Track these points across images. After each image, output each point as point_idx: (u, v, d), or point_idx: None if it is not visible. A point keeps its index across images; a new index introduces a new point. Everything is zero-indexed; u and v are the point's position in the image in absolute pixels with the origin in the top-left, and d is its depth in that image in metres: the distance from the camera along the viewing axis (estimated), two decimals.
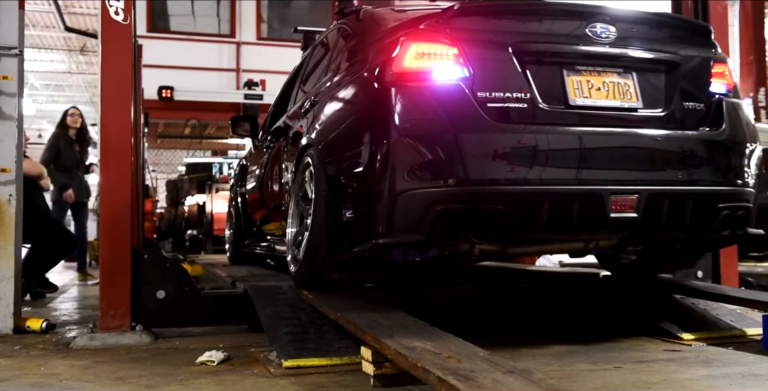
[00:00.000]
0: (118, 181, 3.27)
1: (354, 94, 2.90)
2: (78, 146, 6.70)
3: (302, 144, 3.29)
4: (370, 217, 2.57)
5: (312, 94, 3.49)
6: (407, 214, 2.47)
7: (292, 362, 2.52)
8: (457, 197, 2.47)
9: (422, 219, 2.45)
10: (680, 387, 2.20)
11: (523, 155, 2.50)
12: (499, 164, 2.47)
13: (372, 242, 2.58)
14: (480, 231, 2.48)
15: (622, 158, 2.62)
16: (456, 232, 2.48)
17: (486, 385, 1.62)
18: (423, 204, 2.45)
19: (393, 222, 2.49)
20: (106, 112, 3.31)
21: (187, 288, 3.35)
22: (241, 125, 5.09)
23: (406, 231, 2.49)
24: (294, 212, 3.38)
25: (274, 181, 4.10)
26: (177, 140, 14.27)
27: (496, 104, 2.53)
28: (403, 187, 2.47)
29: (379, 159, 2.53)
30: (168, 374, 2.52)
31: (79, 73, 18.09)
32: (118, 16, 3.32)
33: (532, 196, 2.51)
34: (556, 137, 2.54)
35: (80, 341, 3.16)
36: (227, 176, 9.86)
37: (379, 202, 2.51)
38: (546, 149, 2.52)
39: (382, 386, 2.19)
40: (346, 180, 2.77)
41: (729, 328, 2.99)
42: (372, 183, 2.56)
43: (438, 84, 2.54)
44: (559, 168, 2.52)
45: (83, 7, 13.57)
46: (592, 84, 2.69)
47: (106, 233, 3.27)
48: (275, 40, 11.85)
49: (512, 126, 2.53)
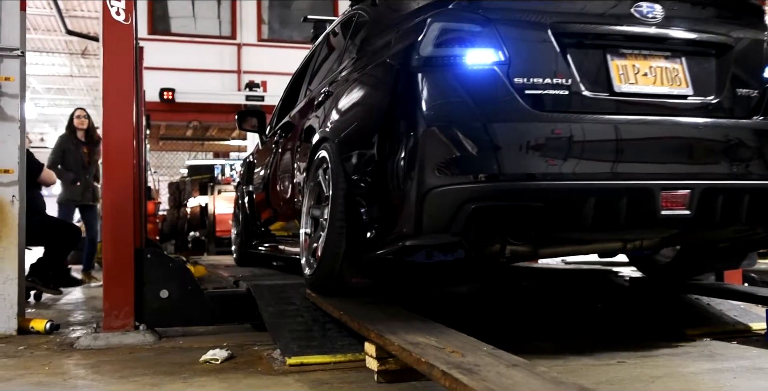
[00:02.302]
0: (121, 181, 3.28)
1: (375, 83, 2.69)
2: (85, 148, 6.68)
3: (316, 138, 3.09)
4: (396, 216, 2.35)
5: (325, 86, 3.29)
6: (437, 213, 2.24)
7: (295, 359, 2.52)
8: (492, 194, 2.24)
9: (454, 218, 2.22)
10: (684, 381, 2.20)
11: (566, 147, 2.27)
12: (538, 157, 2.24)
13: (398, 244, 2.37)
14: (518, 231, 2.28)
15: (672, 150, 2.40)
16: (491, 232, 2.28)
17: (490, 378, 1.62)
18: (455, 202, 2.22)
19: (422, 222, 2.25)
20: (108, 112, 3.31)
21: (191, 287, 3.35)
22: (248, 121, 4.89)
23: (436, 232, 2.27)
24: (307, 211, 3.19)
25: (284, 178, 3.90)
26: (179, 142, 14.28)
27: (535, 91, 2.31)
28: (432, 184, 2.23)
29: (405, 153, 2.30)
30: (172, 373, 2.52)
31: (81, 76, 18.14)
32: (120, 17, 3.33)
33: (576, 192, 2.28)
34: (600, 127, 2.32)
35: (84, 341, 3.16)
36: (229, 178, 9.88)
37: (406, 200, 2.28)
38: (590, 140, 2.30)
39: (386, 382, 2.19)
40: (368, 176, 2.56)
41: (733, 323, 2.99)
42: (398, 179, 2.34)
43: (470, 69, 2.31)
44: (605, 161, 2.30)
45: (84, 10, 13.62)
46: (638, 69, 2.47)
47: (109, 233, 3.27)
48: (276, 41, 11.85)
49: (553, 115, 2.30)
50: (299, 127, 3.66)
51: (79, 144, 6.63)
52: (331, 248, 2.73)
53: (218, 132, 13.34)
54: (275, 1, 12.20)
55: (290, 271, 3.91)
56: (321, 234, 2.87)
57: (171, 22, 11.58)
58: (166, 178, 15.80)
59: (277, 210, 4.14)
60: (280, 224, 4.14)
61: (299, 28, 12.34)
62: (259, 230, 4.87)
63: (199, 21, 11.62)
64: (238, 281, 3.76)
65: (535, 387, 1.55)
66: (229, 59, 11.51)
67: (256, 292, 3.22)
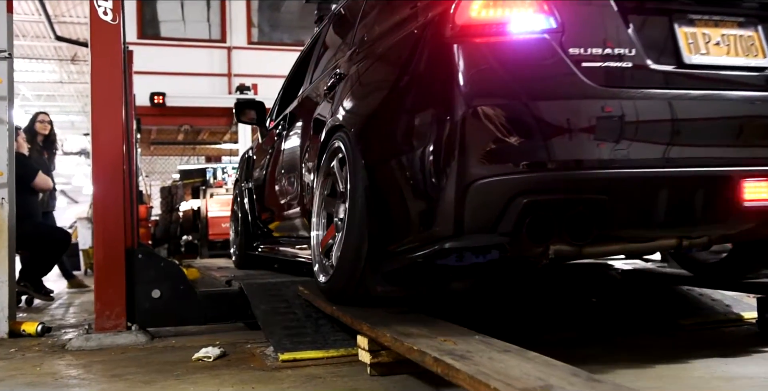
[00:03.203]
0: (110, 178, 3.26)
1: (399, 59, 2.32)
2: (46, 154, 6.29)
3: (328, 127, 2.77)
4: (432, 214, 2.01)
5: (337, 68, 2.95)
6: (482, 209, 1.93)
7: (288, 355, 2.52)
8: (548, 185, 1.92)
9: (503, 215, 1.91)
10: (677, 367, 2.20)
11: (634, 129, 1.96)
12: (603, 141, 1.92)
13: (434, 246, 2.03)
14: (578, 229, 1.95)
15: (753, 131, 2.08)
16: (547, 231, 1.95)
17: (482, 362, 1.62)
18: (504, 196, 1.91)
19: (463, 220, 1.93)
20: (97, 111, 3.30)
21: (183, 287, 3.34)
22: (246, 113, 4.58)
23: (480, 231, 1.95)
24: (319, 210, 2.88)
25: (289, 174, 3.58)
26: (170, 147, 14.25)
27: (594, 63, 1.98)
28: (476, 175, 1.91)
29: (442, 138, 1.96)
30: (164, 371, 2.51)
31: (71, 82, 18.08)
32: (107, 16, 3.32)
33: (646, 181, 1.96)
34: (672, 105, 2.01)
35: (76, 342, 3.14)
36: (221, 181, 9.86)
37: (444, 194, 1.95)
38: (662, 121, 1.99)
39: (379, 375, 2.18)
40: (395, 168, 2.21)
41: (725, 312, 3.00)
42: (432, 170, 2.00)
43: (517, 38, 1.98)
44: (677, 145, 1.98)
45: (73, 16, 13.57)
46: (709, 37, 2.14)
47: (100, 233, 3.26)
48: (266, 44, 11.85)
49: (617, 91, 1.97)
50: (306, 116, 3.35)
51: (40, 149, 6.20)
52: (351, 251, 2.40)
53: (210, 136, 13.32)
54: (265, 2, 12.21)
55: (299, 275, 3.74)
56: (337, 235, 2.60)
57: (160, 26, 11.57)
58: (158, 182, 15.76)
59: (282, 209, 3.85)
60: (285, 224, 3.86)
61: (289, 31, 12.38)
62: (261, 230, 4.64)
63: (189, 24, 11.60)
64: (230, 280, 3.75)
65: (527, 370, 1.55)
66: (219, 62, 11.50)
67: (248, 290, 3.21)
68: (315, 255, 2.85)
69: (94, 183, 3.32)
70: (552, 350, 2.46)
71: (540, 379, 1.48)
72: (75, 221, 10.37)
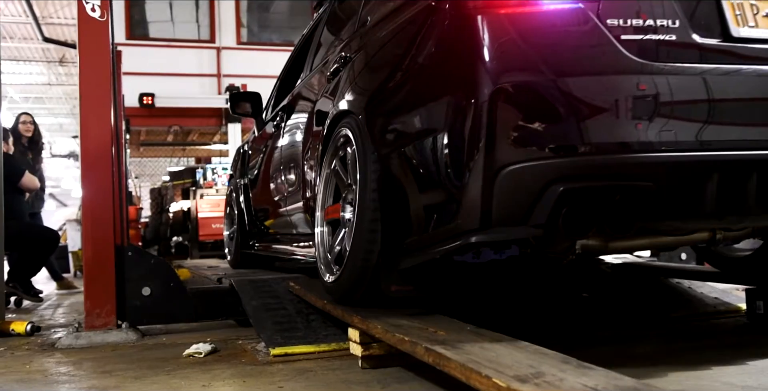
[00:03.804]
0: (99, 175, 3.25)
1: (416, 35, 2.09)
2: (30, 154, 6.25)
3: (334, 114, 2.59)
4: (455, 205, 1.83)
5: (342, 51, 2.77)
6: (513, 198, 1.75)
7: (279, 350, 2.51)
8: (589, 171, 1.75)
9: (536, 205, 1.73)
10: (668, 358, 2.21)
11: (681, 108, 1.79)
12: (647, 121, 1.75)
13: (457, 240, 1.84)
14: (620, 220, 1.79)
15: None
16: (587, 222, 1.78)
17: (474, 352, 1.62)
18: (537, 183, 1.73)
19: (491, 211, 1.75)
20: (86, 109, 3.29)
21: (173, 284, 3.33)
22: (241, 105, 4.38)
23: (510, 223, 1.76)
24: (323, 204, 2.73)
25: (290, 167, 3.41)
26: (160, 149, 14.20)
27: (635, 36, 1.80)
28: (505, 160, 1.73)
29: (466, 121, 1.78)
30: (155, 367, 2.50)
31: (59, 84, 17.98)
32: (95, 13, 3.31)
33: (697, 166, 1.79)
34: (720, 81, 1.83)
35: (66, 341, 3.12)
36: (211, 182, 9.82)
37: (469, 183, 1.76)
38: (707, 99, 1.81)
39: (371, 368, 2.18)
40: (411, 155, 2.04)
41: (713, 304, 3.02)
42: (456, 157, 1.81)
43: (548, 8, 1.81)
44: (727, 125, 1.82)
45: (61, 18, 13.49)
46: (758, 9, 1.96)
47: (89, 230, 3.24)
48: (255, 44, 11.84)
49: (661, 66, 1.80)
50: (307, 104, 3.18)
51: (24, 150, 6.17)
52: (361, 248, 2.21)
53: (199, 136, 13.28)
54: (254, 2, 12.20)
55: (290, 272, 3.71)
56: (344, 231, 2.45)
57: (149, 27, 11.54)
58: (148, 184, 15.70)
59: (281, 205, 3.67)
60: (285, 221, 3.68)
61: (278, 31, 12.37)
62: (258, 228, 4.48)
63: (178, 25, 11.58)
64: (221, 278, 3.74)
65: (519, 358, 1.55)
66: (209, 63, 11.47)
67: (239, 286, 3.20)
68: (319, 253, 2.68)
69: (82, 176, 3.29)
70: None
71: (531, 366, 1.48)
72: (64, 223, 10.32)
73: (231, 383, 2.16)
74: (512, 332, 1.86)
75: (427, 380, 1.99)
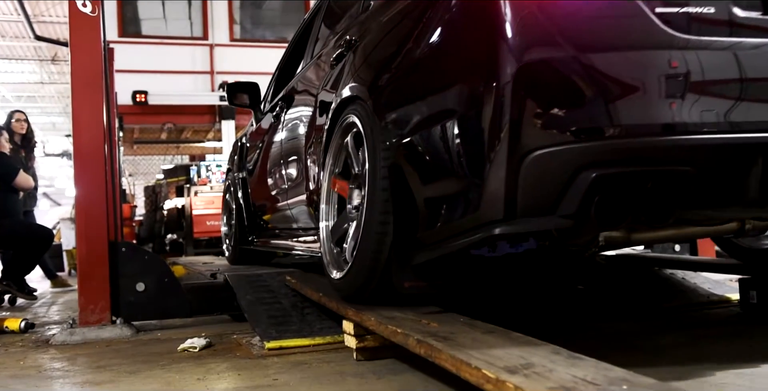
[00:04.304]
0: (92, 170, 3.24)
1: (429, 12, 1.95)
2: (23, 152, 6.18)
3: (339, 100, 2.46)
4: (476, 194, 1.68)
5: (346, 35, 2.66)
6: (540, 186, 1.60)
7: (274, 343, 2.51)
8: (624, 155, 1.61)
9: (565, 193, 1.60)
10: (662, 347, 2.22)
11: (720, 86, 1.66)
12: (687, 100, 1.62)
13: (479, 232, 1.70)
14: (657, 209, 1.65)
15: None
16: (621, 212, 1.64)
17: (465, 343, 1.62)
18: (567, 169, 1.59)
19: (515, 200, 1.61)
20: (78, 104, 3.28)
21: (167, 280, 3.33)
22: (239, 96, 4.26)
23: (537, 213, 1.62)
24: (329, 195, 2.60)
25: (292, 158, 3.28)
26: (153, 147, 14.17)
27: (672, 8, 1.66)
28: (532, 145, 1.58)
29: (488, 102, 1.62)
30: (150, 361, 2.50)
31: (52, 83, 17.92)
32: (86, 8, 3.30)
33: (741, 149, 1.66)
34: (763, 58, 1.69)
35: (60, 337, 3.12)
36: (205, 179, 9.80)
37: (492, 170, 1.62)
38: (750, 77, 1.67)
39: (365, 360, 2.19)
40: (426, 141, 1.89)
41: (707, 295, 3.03)
42: (477, 141, 1.66)
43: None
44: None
45: (53, 16, 13.44)
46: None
47: (82, 227, 3.24)
48: (248, 41, 11.82)
49: (701, 40, 1.66)
50: (309, 93, 3.05)
51: (17, 148, 6.10)
52: (372, 242, 2.09)
53: (193, 134, 13.25)
54: (247, 0, 12.17)
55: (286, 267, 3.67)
56: (350, 225, 2.35)
57: (141, 24, 11.50)
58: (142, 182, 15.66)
59: (283, 198, 3.53)
60: (286, 215, 3.54)
61: (271, 28, 12.34)
62: (257, 223, 4.35)
63: (170, 22, 11.54)
64: (215, 273, 3.74)
65: (510, 350, 1.55)
66: (202, 60, 11.45)
67: (233, 282, 3.20)
68: (325, 248, 2.54)
69: (75, 171, 3.28)
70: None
71: (522, 357, 1.48)
72: (58, 222, 10.28)
73: (226, 377, 2.16)
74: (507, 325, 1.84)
75: (420, 372, 2.00)
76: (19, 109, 6.67)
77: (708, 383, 1.75)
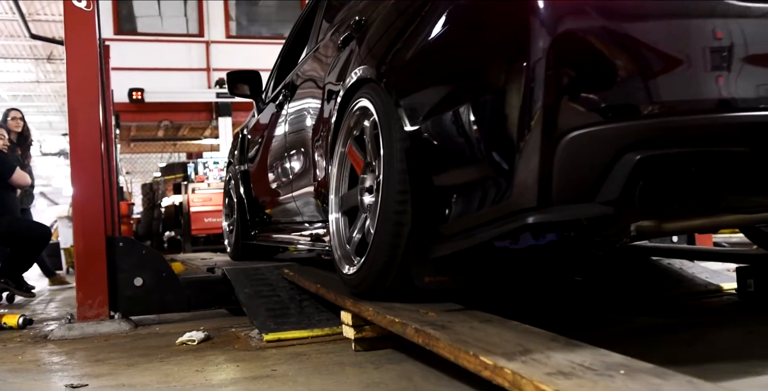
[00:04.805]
0: (88, 167, 3.23)
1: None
2: (19, 149, 6.17)
3: (350, 84, 2.32)
4: (505, 180, 1.52)
5: (355, 16, 2.53)
6: (577, 170, 1.44)
7: (273, 335, 2.52)
8: (672, 135, 1.45)
9: (606, 177, 1.45)
10: (660, 340, 2.22)
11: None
12: (741, 74, 1.46)
13: (509, 222, 1.53)
14: (709, 193, 1.51)
15: None
16: (668, 197, 1.49)
17: (463, 332, 1.63)
18: (608, 151, 1.43)
19: (550, 186, 1.44)
20: (74, 99, 3.27)
21: (165, 274, 3.32)
22: (240, 87, 4.12)
23: (573, 200, 1.46)
24: (338, 185, 2.46)
25: (297, 149, 3.13)
26: (150, 144, 14.16)
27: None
28: (569, 124, 1.42)
29: (518, 78, 1.46)
30: (148, 355, 2.50)
31: (47, 82, 17.87)
32: (81, 3, 3.29)
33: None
34: None
35: (58, 332, 3.12)
36: (203, 176, 9.79)
37: (524, 153, 1.45)
38: None
39: (363, 350, 2.19)
40: (448, 123, 1.73)
41: (705, 284, 3.04)
42: (507, 121, 1.50)
43: None
44: None
45: (48, 14, 13.40)
46: None
47: (79, 222, 3.23)
48: (245, 37, 11.81)
49: (758, 7, 1.50)
50: (315, 79, 2.93)
51: (13, 146, 6.05)
52: (388, 233, 1.94)
53: (190, 131, 13.24)
54: None
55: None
56: (363, 217, 2.22)
57: (137, 22, 11.48)
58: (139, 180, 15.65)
59: (288, 191, 3.39)
60: (292, 208, 3.40)
61: (267, 24, 12.33)
62: (260, 217, 4.24)
63: (166, 19, 11.53)
64: (212, 267, 3.74)
65: (508, 337, 1.55)
66: (198, 57, 11.44)
67: (231, 275, 3.21)
68: (335, 241, 2.40)
69: (72, 163, 3.27)
70: None
71: (519, 344, 1.48)
72: (55, 220, 10.26)
73: (224, 368, 2.17)
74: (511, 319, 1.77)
75: (419, 361, 2.00)
76: (14, 108, 6.66)
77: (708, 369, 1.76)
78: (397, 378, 1.84)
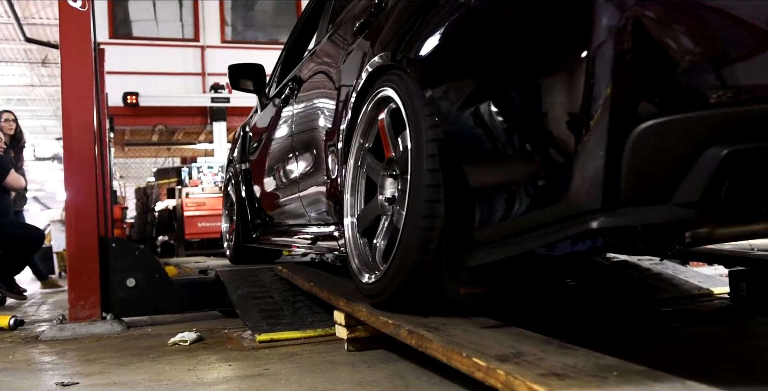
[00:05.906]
0: (81, 168, 3.23)
1: None
2: (12, 152, 6.13)
3: (370, 71, 2.13)
4: (562, 179, 1.30)
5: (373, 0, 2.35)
6: (650, 167, 1.23)
7: (266, 336, 2.51)
8: (763, 126, 1.21)
9: (685, 175, 1.23)
10: (654, 342, 2.23)
11: None
12: None
13: (568, 228, 1.31)
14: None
15: None
16: (759, 197, 1.26)
17: (456, 334, 1.62)
18: (688, 144, 1.21)
19: (618, 185, 1.22)
20: (68, 99, 3.27)
21: (158, 276, 3.32)
22: (242, 81, 3.93)
23: (646, 202, 1.24)
24: (353, 189, 2.25)
25: (306, 145, 2.91)
26: (145, 149, 14.12)
27: None
28: (641, 113, 1.20)
29: (580, 60, 1.23)
30: (140, 355, 2.49)
31: (42, 85, 17.82)
32: (76, 3, 3.29)
33: None
34: None
35: (50, 333, 3.10)
36: (197, 181, 9.77)
37: (587, 146, 1.24)
38: None
39: (356, 350, 2.18)
40: (489, 114, 1.50)
41: (697, 288, 3.04)
42: (566, 110, 1.28)
43: None
44: None
45: (43, 18, 13.39)
46: None
47: (72, 222, 3.22)
48: (240, 42, 11.81)
49: None
50: (327, 68, 2.74)
51: (6, 149, 5.98)
52: (415, 238, 1.73)
53: (185, 136, 13.21)
54: (238, 1, 12.17)
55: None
56: (382, 220, 2.05)
57: (132, 26, 11.48)
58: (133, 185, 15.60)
59: (294, 191, 3.18)
60: (299, 209, 3.21)
61: (263, 30, 12.35)
62: (263, 218, 4.08)
63: (161, 24, 11.52)
64: (205, 269, 3.73)
65: (501, 340, 1.55)
66: (193, 61, 11.44)
67: (224, 277, 3.20)
68: (351, 247, 2.20)
69: (65, 164, 3.28)
70: None
71: (512, 347, 1.48)
72: (48, 224, 10.22)
73: (216, 367, 2.16)
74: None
75: (411, 362, 1.99)
76: (7, 110, 6.65)
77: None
78: (390, 377, 1.84)
